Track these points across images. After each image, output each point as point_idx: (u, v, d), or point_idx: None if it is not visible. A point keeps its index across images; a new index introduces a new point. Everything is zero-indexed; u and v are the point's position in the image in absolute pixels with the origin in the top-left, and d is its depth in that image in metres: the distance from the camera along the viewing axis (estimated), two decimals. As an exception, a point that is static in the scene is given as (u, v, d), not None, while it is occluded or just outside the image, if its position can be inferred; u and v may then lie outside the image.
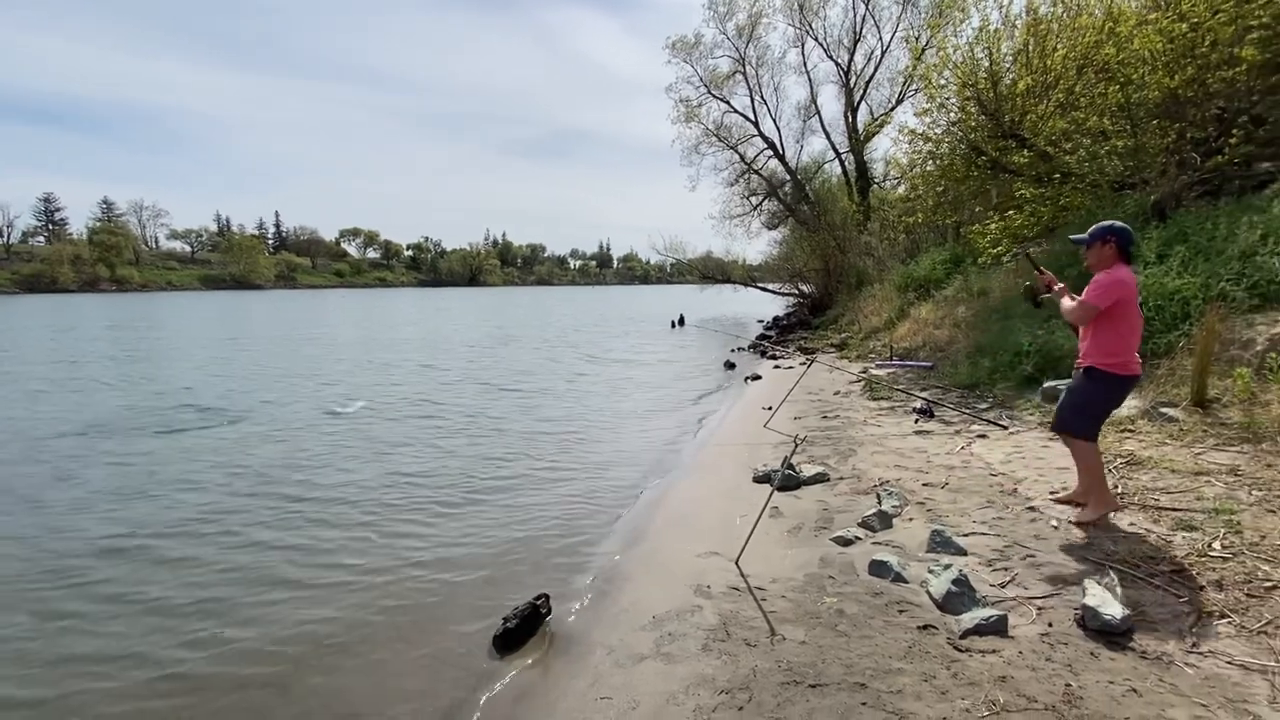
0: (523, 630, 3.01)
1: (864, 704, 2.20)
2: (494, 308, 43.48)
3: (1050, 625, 2.56)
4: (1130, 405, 5.42)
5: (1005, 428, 5.56)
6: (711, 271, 28.22)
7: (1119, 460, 4.27)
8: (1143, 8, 8.71)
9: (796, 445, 3.66)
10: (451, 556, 4.06)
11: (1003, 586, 2.92)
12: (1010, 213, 9.91)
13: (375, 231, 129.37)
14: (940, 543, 3.38)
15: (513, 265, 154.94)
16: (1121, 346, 3.31)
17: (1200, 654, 2.26)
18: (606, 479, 5.61)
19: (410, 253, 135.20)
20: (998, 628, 2.56)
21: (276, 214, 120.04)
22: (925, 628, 2.64)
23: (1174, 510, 3.42)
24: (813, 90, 26.14)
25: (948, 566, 2.98)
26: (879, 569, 3.16)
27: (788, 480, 4.69)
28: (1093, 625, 2.48)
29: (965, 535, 3.49)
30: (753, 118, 26.06)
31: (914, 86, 21.46)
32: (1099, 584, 2.69)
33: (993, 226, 10.22)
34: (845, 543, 3.59)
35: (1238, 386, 4.72)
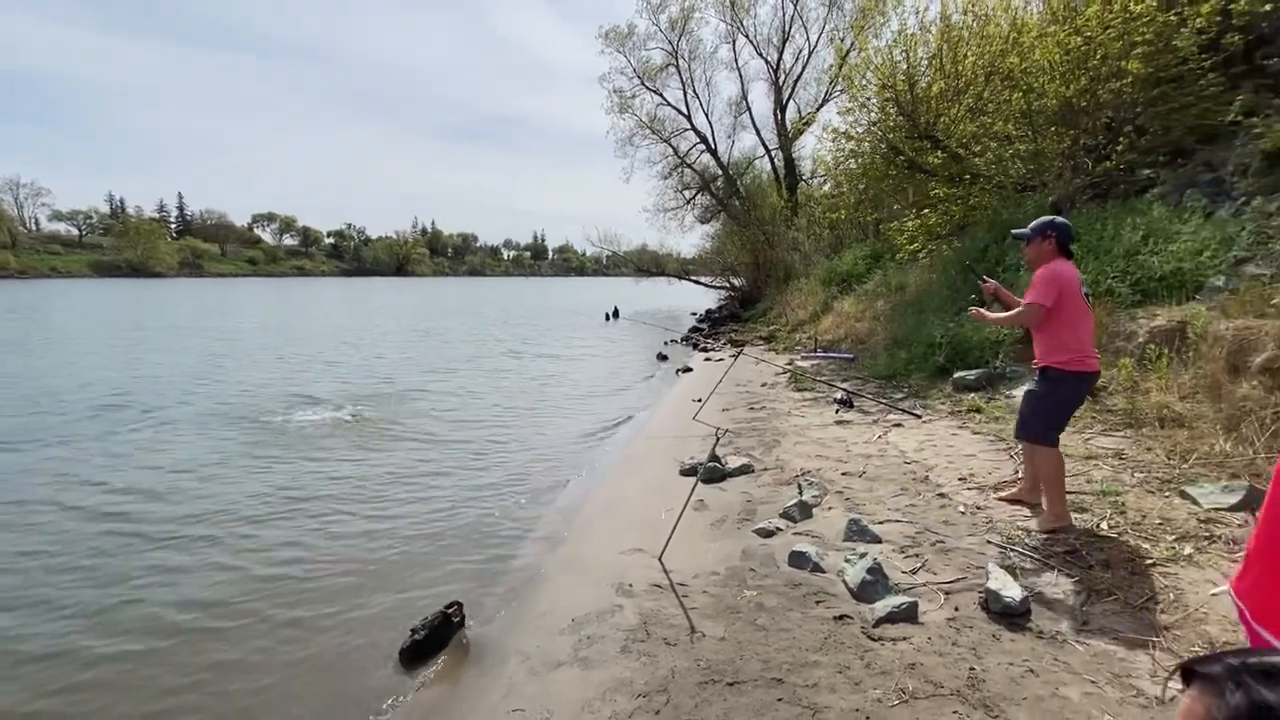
0: (432, 641, 2.84)
1: (780, 700, 2.18)
2: (421, 298, 41.91)
3: (957, 609, 2.64)
4: (1030, 394, 5.78)
5: (919, 416, 5.79)
6: (646, 264, 28.29)
7: (1017, 446, 4.50)
8: (1043, 20, 9.27)
9: (719, 438, 3.64)
10: (356, 568, 3.80)
11: (914, 573, 3.00)
12: (925, 211, 10.37)
13: (292, 217, 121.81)
14: (856, 531, 3.45)
15: (443, 255, 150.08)
16: (1073, 341, 3.17)
17: (1090, 631, 2.38)
18: (530, 478, 5.44)
19: (331, 240, 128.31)
20: (909, 614, 2.61)
21: (180, 196, 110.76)
22: (841, 618, 2.67)
23: (1067, 493, 3.62)
24: (743, 86, 26.56)
25: (863, 555, 3.03)
26: (798, 560, 3.19)
27: (713, 472, 4.69)
28: (995, 608, 2.58)
29: (880, 523, 3.58)
30: (685, 111, 26.22)
31: (838, 87, 22.23)
32: (1001, 567, 2.81)
33: (910, 224, 10.67)
34: (767, 534, 3.62)
35: (1121, 376, 5.10)
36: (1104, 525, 3.16)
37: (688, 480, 4.74)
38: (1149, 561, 2.75)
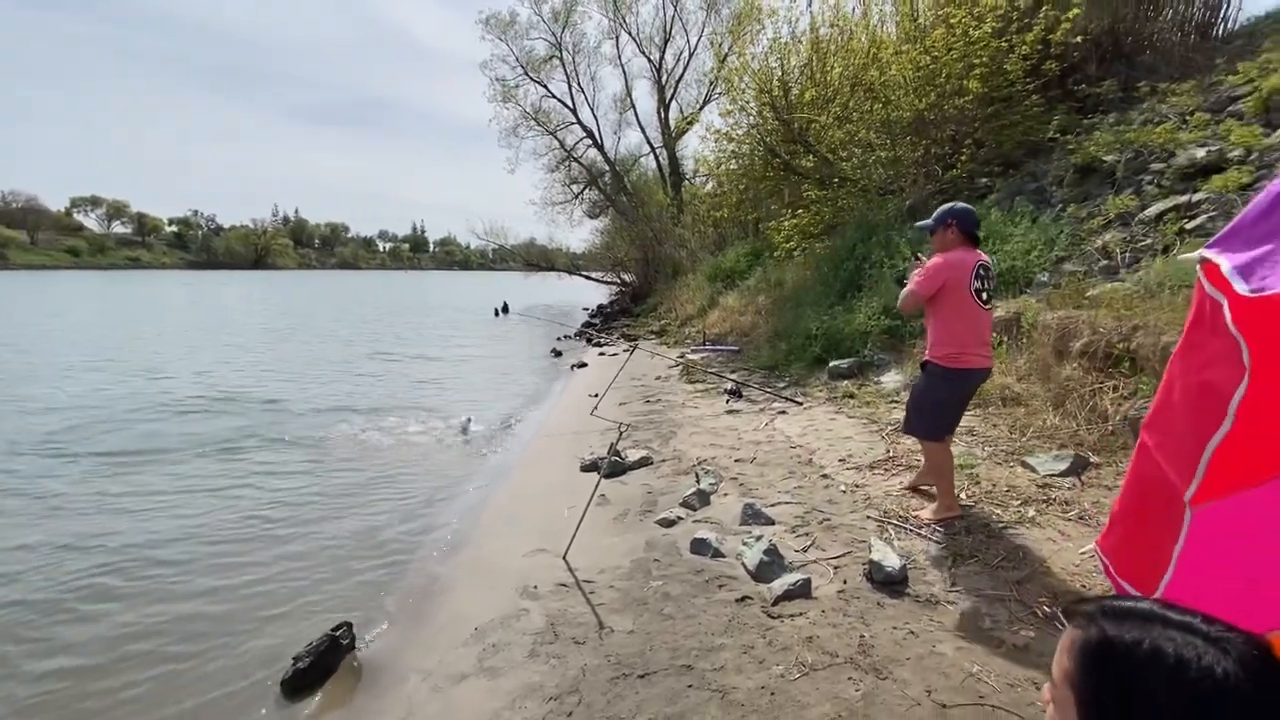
0: (318, 668, 2.60)
1: (690, 686, 2.23)
2: (281, 293, 38.29)
3: (845, 582, 2.83)
4: (893, 379, 6.36)
5: (800, 404, 6.17)
6: (535, 259, 27.81)
7: (889, 428, 4.94)
8: (898, 39, 10.19)
9: (621, 433, 3.66)
10: (228, 601, 3.39)
11: (805, 551, 3.19)
12: (800, 211, 11.06)
13: (123, 201, 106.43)
14: (752, 515, 3.61)
15: (309, 246, 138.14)
16: (950, 336, 3.08)
17: (958, 592, 2.66)
18: (421, 485, 5.13)
19: (174, 229, 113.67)
20: (803, 590, 2.77)
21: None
22: (742, 600, 2.77)
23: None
24: (627, 83, 26.89)
25: (759, 538, 3.17)
26: (699, 546, 3.28)
27: (614, 467, 4.70)
28: (878, 578, 2.80)
29: (772, 506, 3.77)
30: (571, 105, 26.09)
31: (718, 90, 23.13)
32: (880, 540, 3.06)
33: (786, 223, 11.31)
34: (668, 524, 3.68)
35: (970, 361, 5.73)
36: (963, 495, 3.53)
37: (589, 476, 4.72)
38: (1001, 525, 3.11)
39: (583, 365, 10.64)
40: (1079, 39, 8.20)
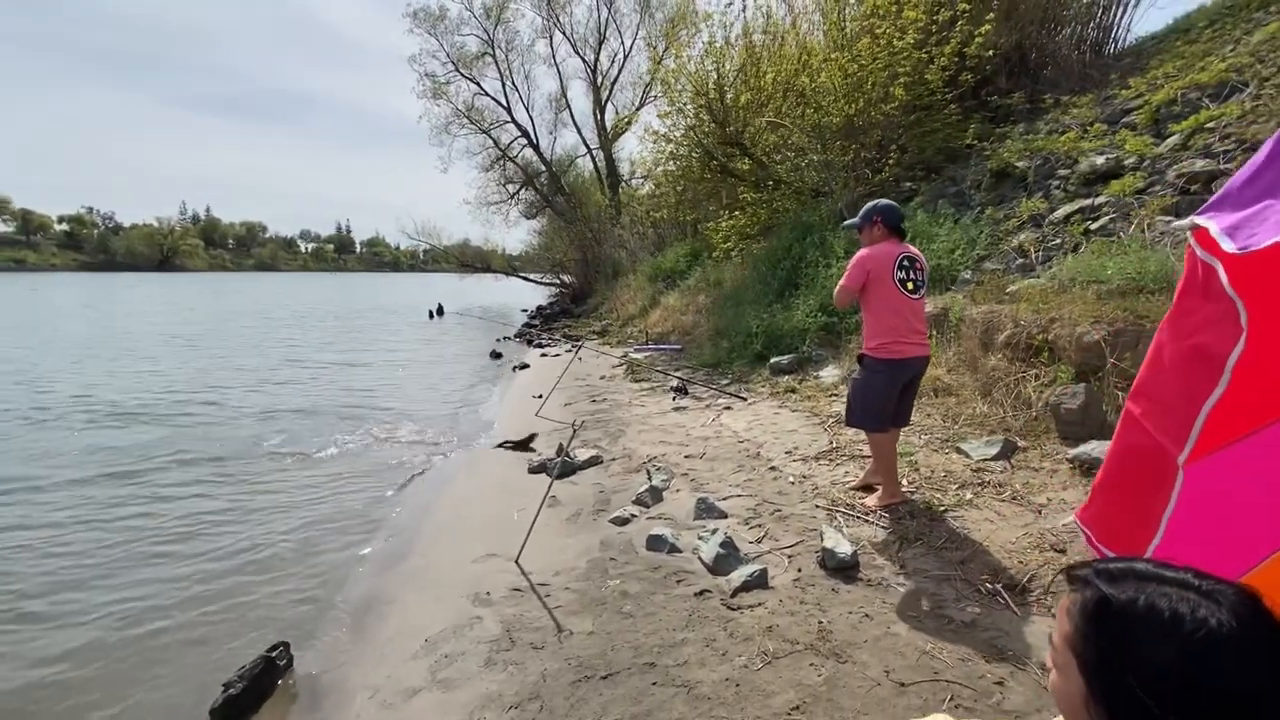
0: (252, 693, 2.40)
1: (654, 684, 2.20)
2: (189, 297, 35.64)
3: (800, 570, 2.88)
4: (831, 374, 6.57)
5: (744, 399, 6.27)
6: (470, 259, 27.15)
7: (831, 420, 5.09)
8: (827, 47, 10.57)
9: (575, 431, 3.59)
10: (146, 624, 3.10)
11: (759, 542, 3.23)
12: (736, 213, 11.27)
13: (4, 197, 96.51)
14: (705, 509, 3.62)
15: (222, 247, 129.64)
16: (880, 328, 3.17)
17: (907, 574, 2.75)
18: (356, 495, 4.83)
19: (65, 227, 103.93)
20: (760, 581, 2.80)
21: None
22: (701, 593, 2.77)
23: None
24: (562, 83, 26.69)
25: (714, 531, 3.19)
26: (655, 543, 3.26)
27: (564, 467, 4.62)
28: (831, 564, 2.86)
29: (724, 499, 3.80)
30: (505, 103, 25.65)
31: (654, 93, 23.31)
32: (831, 528, 3.14)
33: (724, 224, 11.50)
34: (623, 522, 3.65)
35: (903, 355, 6.00)
36: (904, 482, 3.68)
37: (537, 478, 4.62)
38: (942, 509, 3.25)
39: (524, 366, 10.45)
40: (990, 53, 8.75)
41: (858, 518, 3.34)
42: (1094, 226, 5.97)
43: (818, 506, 3.55)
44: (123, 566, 3.67)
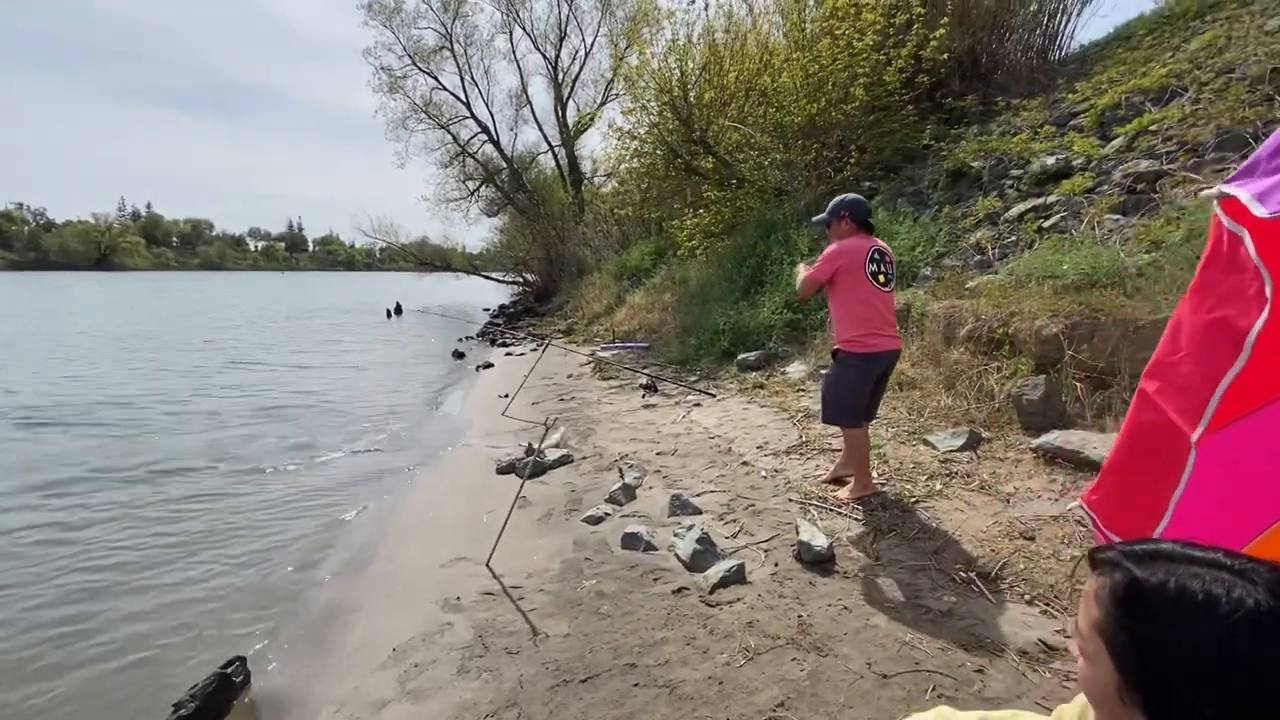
0: (206, 712, 2.25)
1: (636, 685, 2.15)
2: (131, 297, 33.86)
3: (777, 564, 2.87)
4: (798, 369, 6.64)
5: (714, 396, 6.28)
6: (429, 258, 26.57)
7: (799, 414, 5.13)
8: (788, 47, 10.68)
9: (548, 428, 3.50)
10: (91, 642, 2.90)
11: (734, 537, 3.21)
12: (701, 211, 11.30)
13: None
14: (679, 506, 3.59)
15: (165, 245, 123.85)
16: (854, 320, 3.17)
17: (882, 565, 2.77)
18: (316, 501, 4.63)
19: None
20: (738, 576, 2.78)
21: None
22: (679, 591, 2.73)
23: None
24: (523, 80, 26.34)
25: (690, 528, 3.15)
26: (631, 541, 3.20)
27: (535, 467, 4.52)
28: (807, 557, 2.86)
29: (698, 495, 3.77)
30: (464, 99, 25.17)
31: (616, 90, 23.22)
32: (806, 521, 3.14)
33: (689, 222, 11.52)
34: (596, 521, 3.58)
35: (868, 350, 6.09)
36: (875, 474, 3.71)
37: (505, 479, 4.52)
38: (913, 500, 3.29)
39: (488, 366, 10.25)
40: (945, 56, 8.99)
41: (831, 510, 3.36)
42: (1046, 224, 6.17)
43: (791, 500, 3.55)
44: (55, 585, 3.42)
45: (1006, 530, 2.85)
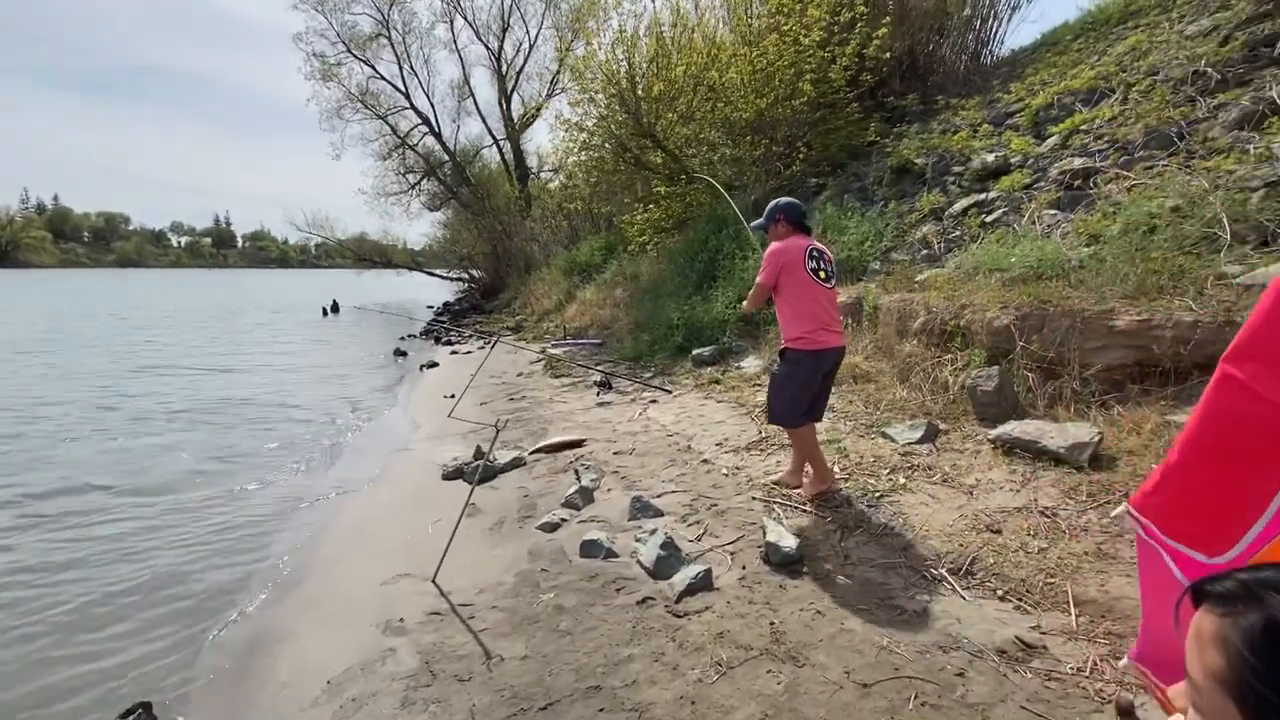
0: (102, 773, 1.94)
1: (602, 710, 1.97)
2: (25, 296, 31.05)
3: (745, 568, 2.75)
4: (752, 364, 6.58)
5: (669, 392, 6.15)
6: (368, 253, 25.47)
7: (757, 410, 5.04)
8: (735, 42, 10.65)
9: (499, 430, 3.25)
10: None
11: (699, 540, 3.07)
12: (651, 206, 11.16)
13: None
14: (640, 508, 3.43)
15: (75, 240, 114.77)
16: (800, 318, 3.13)
17: (852, 564, 2.68)
18: (238, 514, 4.20)
19: None
20: (705, 583, 2.63)
21: None
22: (644, 601, 2.56)
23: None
24: (465, 71, 25.60)
25: (653, 532, 2.99)
26: (590, 548, 3.02)
27: (484, 472, 4.26)
28: (775, 559, 2.74)
29: (659, 496, 3.62)
30: (403, 89, 24.24)
31: (561, 84, 22.78)
32: (772, 520, 3.03)
33: (639, 218, 11.36)
34: (552, 527, 3.37)
35: (822, 343, 6.09)
36: (836, 469, 3.65)
37: (453, 485, 4.25)
38: (877, 494, 3.24)
39: (433, 365, 9.82)
40: (887, 55, 9.16)
41: (795, 508, 3.26)
42: (989, 219, 6.32)
43: (754, 499, 3.44)
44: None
45: (972, 523, 2.81)
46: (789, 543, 2.76)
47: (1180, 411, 3.28)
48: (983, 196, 6.73)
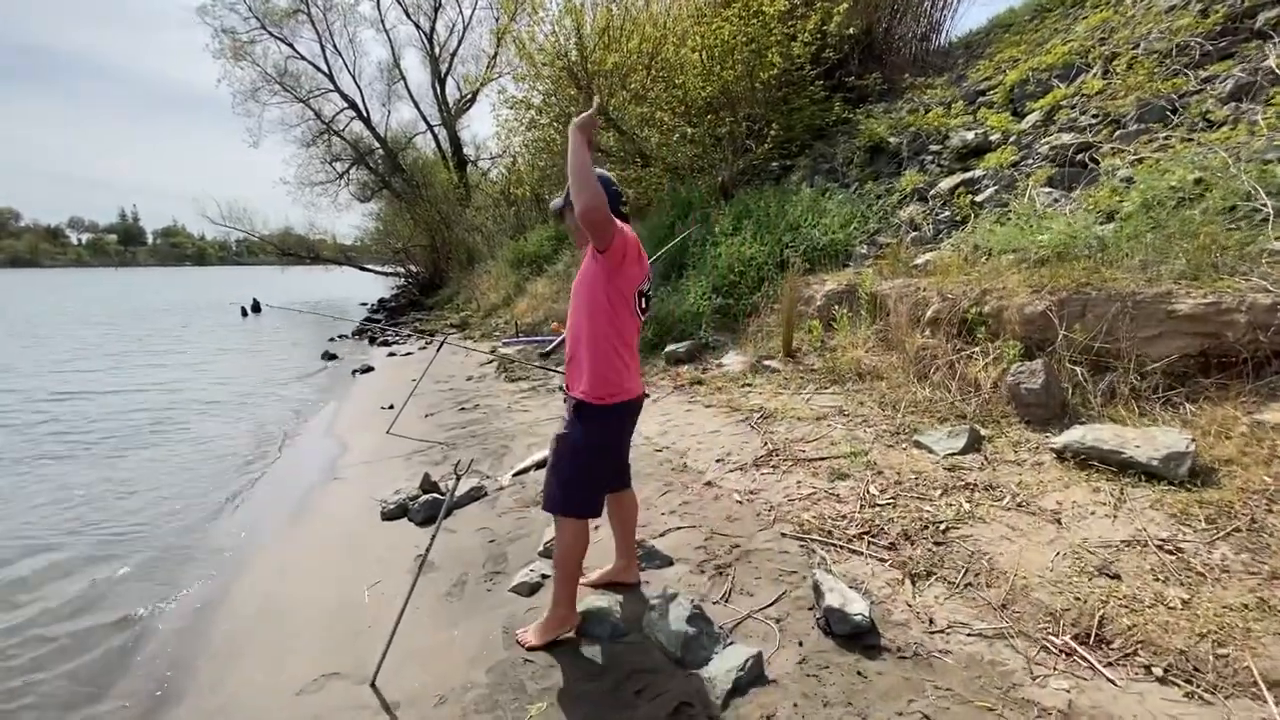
0: None
1: None
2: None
3: (801, 645, 2.06)
4: (735, 361, 5.93)
5: (647, 395, 5.42)
6: (294, 249, 23.53)
7: (755, 416, 4.39)
8: (691, 15, 9.94)
9: (459, 473, 2.43)
10: None
11: (727, 600, 2.37)
12: (602, 193, 10.34)
13: None
14: (644, 555, 2.70)
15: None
16: (608, 356, 2.20)
17: (942, 633, 2.03)
18: (102, 585, 3.22)
19: None
20: (755, 674, 1.94)
21: None
22: (679, 711, 1.84)
23: (821, 460, 3.50)
24: (394, 52, 24.12)
25: (673, 597, 2.26)
26: (591, 625, 2.26)
27: (436, 508, 3.43)
28: (841, 630, 2.07)
29: (662, 535, 2.91)
30: (326, 70, 22.42)
31: (497, 70, 21.48)
32: (823, 571, 2.35)
33: (593, 204, 10.52)
34: (532, 589, 2.60)
35: (812, 337, 5.51)
36: (873, 489, 3.03)
37: (395, 527, 3.39)
38: (940, 525, 2.61)
39: (368, 370, 8.74)
40: (850, 31, 8.69)
41: (840, 548, 2.61)
42: (979, 198, 5.88)
43: (783, 535, 2.77)
44: None
45: (1077, 565, 2.22)
46: (857, 607, 2.09)
47: (1268, 409, 2.82)
48: (969, 175, 6.31)
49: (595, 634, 2.21)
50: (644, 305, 2.24)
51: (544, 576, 2.65)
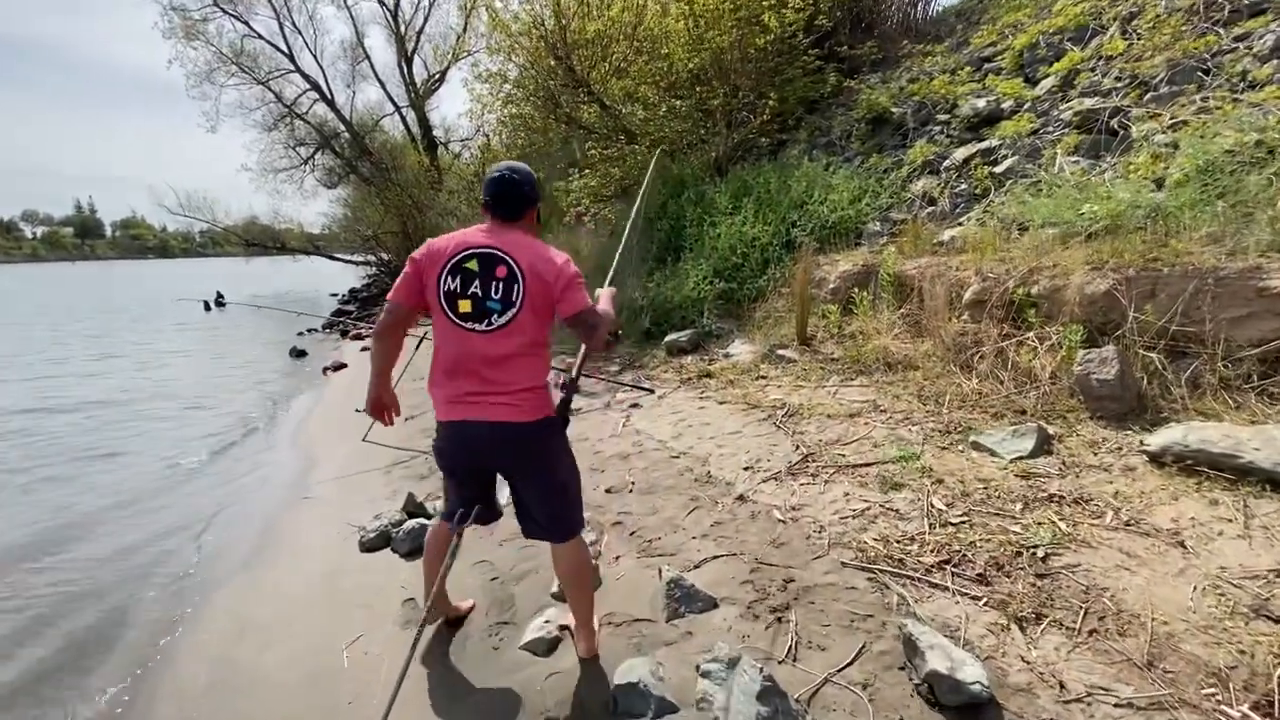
0: None
1: None
2: None
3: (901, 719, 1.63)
4: (743, 350, 5.49)
5: (652, 391, 4.96)
6: (259, 238, 22.43)
7: (779, 412, 3.95)
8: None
9: (461, 533, 1.92)
10: None
11: (794, 657, 1.93)
12: (586, 172, 9.72)
13: None
14: (681, 597, 2.24)
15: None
16: (433, 364, 2.12)
17: (1082, 704, 1.61)
18: (18, 638, 2.72)
19: None
20: (856, 770, 1.50)
21: None
22: (765, 834, 1.39)
23: (866, 466, 3.07)
24: (358, 30, 22.87)
25: (734, 662, 1.80)
26: (631, 700, 1.80)
27: (421, 536, 2.93)
28: (951, 700, 1.64)
29: (697, 568, 2.46)
30: (286, 49, 21.22)
31: (466, 49, 20.48)
32: (919, 624, 1.91)
33: (575, 185, 9.94)
34: (549, 647, 2.12)
35: (829, 323, 5.08)
36: (937, 503, 2.61)
37: (377, 560, 2.88)
38: (1036, 551, 2.19)
39: (340, 367, 8.13)
40: (839, -3, 8.21)
41: (916, 580, 2.18)
42: (999, 170, 5.47)
43: (844, 564, 2.33)
44: None
45: (1225, 604, 1.82)
46: (972, 673, 1.65)
47: (1389, 400, 2.46)
48: (984, 145, 5.89)
49: (636, 710, 1.76)
50: (459, 289, 1.87)
51: (562, 629, 2.18)
